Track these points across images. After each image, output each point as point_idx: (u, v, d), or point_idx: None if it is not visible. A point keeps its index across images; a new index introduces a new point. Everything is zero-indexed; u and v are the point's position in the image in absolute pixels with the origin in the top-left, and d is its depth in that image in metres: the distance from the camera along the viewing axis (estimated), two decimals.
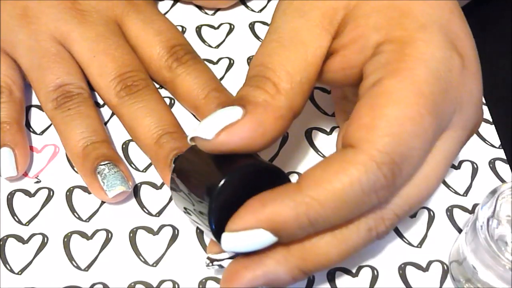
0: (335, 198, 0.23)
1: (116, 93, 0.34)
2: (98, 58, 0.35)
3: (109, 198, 0.32)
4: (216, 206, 0.24)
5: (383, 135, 0.23)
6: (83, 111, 0.34)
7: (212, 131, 0.24)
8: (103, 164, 0.32)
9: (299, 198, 0.23)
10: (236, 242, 0.24)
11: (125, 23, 0.36)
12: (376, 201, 0.24)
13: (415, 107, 0.23)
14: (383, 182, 0.23)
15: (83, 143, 0.33)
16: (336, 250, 0.25)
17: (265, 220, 0.23)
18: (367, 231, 0.25)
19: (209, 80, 0.35)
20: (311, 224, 0.23)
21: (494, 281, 0.27)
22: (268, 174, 0.26)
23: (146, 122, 0.34)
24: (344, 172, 0.23)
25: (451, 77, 0.24)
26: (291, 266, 0.25)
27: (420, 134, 0.23)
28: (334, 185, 0.23)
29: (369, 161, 0.23)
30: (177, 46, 0.36)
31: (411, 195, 0.25)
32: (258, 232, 0.23)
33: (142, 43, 0.36)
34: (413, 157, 0.24)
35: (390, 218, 0.25)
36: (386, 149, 0.23)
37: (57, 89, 0.34)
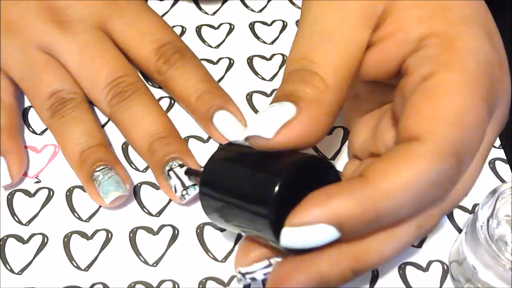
0: (404, 191, 0.22)
1: (108, 103, 0.34)
2: (85, 69, 0.34)
3: (107, 205, 0.32)
4: (275, 203, 0.23)
5: (447, 125, 0.23)
6: (77, 116, 0.34)
7: (272, 130, 0.24)
8: (98, 170, 0.32)
9: (367, 191, 0.22)
10: (297, 238, 0.23)
11: (110, 28, 0.36)
12: (440, 194, 0.24)
13: (473, 97, 0.23)
14: (450, 173, 0.23)
15: (80, 148, 0.33)
16: (388, 249, 0.24)
17: (330, 214, 0.22)
18: (417, 228, 0.24)
19: (199, 81, 0.35)
20: (377, 219, 0.23)
21: (494, 281, 0.27)
22: (320, 168, 0.25)
23: (138, 129, 0.33)
24: (412, 164, 0.22)
25: (495, 70, 0.25)
26: (344, 267, 0.24)
27: (480, 123, 0.23)
28: (403, 178, 0.22)
29: (437, 152, 0.22)
30: (164, 47, 0.35)
31: (458, 189, 0.25)
32: (321, 227, 0.22)
33: (130, 48, 0.36)
34: (473, 148, 0.24)
35: (438, 215, 0.25)
36: (452, 139, 0.23)
37: (50, 97, 0.34)
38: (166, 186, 0.32)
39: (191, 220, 0.33)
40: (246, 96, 0.37)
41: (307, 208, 0.23)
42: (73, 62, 0.35)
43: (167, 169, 0.32)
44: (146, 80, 0.37)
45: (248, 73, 0.39)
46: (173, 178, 0.32)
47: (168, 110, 0.37)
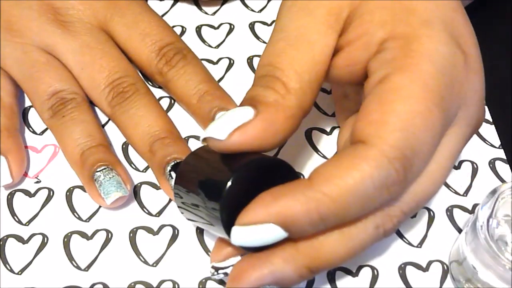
0: (347, 194, 0.23)
1: (108, 103, 0.34)
2: (85, 70, 0.34)
3: (108, 205, 0.32)
4: (227, 200, 0.24)
5: (393, 130, 0.23)
6: (77, 116, 0.34)
7: (225, 132, 0.24)
8: (99, 171, 0.32)
9: (311, 193, 0.23)
10: (246, 236, 0.24)
11: (110, 29, 0.36)
12: (388, 197, 0.24)
13: (423, 101, 0.23)
14: (395, 177, 0.23)
15: (80, 149, 0.33)
16: (343, 248, 0.25)
17: (275, 214, 0.23)
18: (374, 228, 0.25)
19: (200, 82, 0.35)
20: (321, 220, 0.23)
21: (494, 281, 0.27)
22: (277, 169, 0.26)
23: (139, 130, 0.33)
24: (355, 167, 0.23)
25: (455, 72, 0.25)
26: (299, 265, 0.24)
27: (430, 128, 0.24)
28: (345, 181, 0.23)
29: (381, 156, 0.23)
30: (165, 48, 0.35)
31: (418, 191, 0.25)
32: (268, 226, 0.23)
33: (131, 49, 0.36)
34: (423, 152, 0.24)
35: (397, 216, 0.25)
36: (397, 144, 0.23)
37: (51, 97, 0.34)
38: (167, 186, 0.32)
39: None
40: None
41: (254, 208, 0.24)
42: (74, 63, 0.35)
43: (169, 170, 0.32)
44: (146, 80, 0.37)
45: (248, 73, 0.39)
46: (174, 178, 0.32)
47: (168, 110, 0.37)
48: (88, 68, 0.34)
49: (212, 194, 0.25)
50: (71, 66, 0.35)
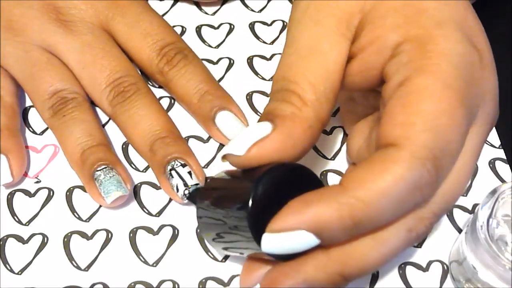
0: (380, 198, 0.23)
1: (109, 103, 0.34)
2: (86, 70, 0.34)
3: (106, 204, 0.32)
4: (253, 207, 0.24)
5: (421, 130, 0.23)
6: (78, 116, 0.34)
7: (243, 147, 0.25)
8: (99, 170, 0.32)
9: (344, 199, 0.23)
10: (277, 244, 0.23)
11: (111, 29, 0.36)
12: (421, 199, 0.24)
13: (447, 100, 0.23)
14: (427, 178, 0.23)
15: (80, 148, 0.33)
16: (376, 254, 0.24)
17: (308, 221, 0.23)
18: (406, 232, 0.24)
19: (201, 82, 0.35)
20: (355, 226, 0.23)
21: (494, 281, 0.27)
22: (299, 174, 0.25)
23: (138, 129, 0.34)
24: (387, 170, 0.23)
25: (472, 71, 0.25)
26: (331, 272, 0.24)
27: (456, 126, 0.24)
28: (378, 185, 0.23)
29: (412, 157, 0.23)
30: (166, 47, 0.35)
31: (447, 191, 0.25)
32: (300, 233, 0.23)
33: (132, 49, 0.36)
34: (451, 151, 0.24)
35: (429, 218, 0.25)
36: (427, 144, 0.23)
37: (52, 96, 0.34)
38: (168, 185, 0.32)
39: (191, 220, 0.33)
40: (246, 96, 0.37)
41: (286, 214, 0.23)
42: (75, 62, 0.35)
43: (169, 169, 0.32)
44: (147, 80, 0.37)
45: (248, 73, 0.39)
46: (175, 177, 0.32)
47: (168, 110, 0.37)
48: (89, 67, 0.34)
49: (238, 204, 0.25)
50: (72, 65, 0.35)
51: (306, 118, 0.25)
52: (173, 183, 0.32)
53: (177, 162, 0.32)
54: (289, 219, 0.23)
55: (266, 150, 0.24)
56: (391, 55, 0.25)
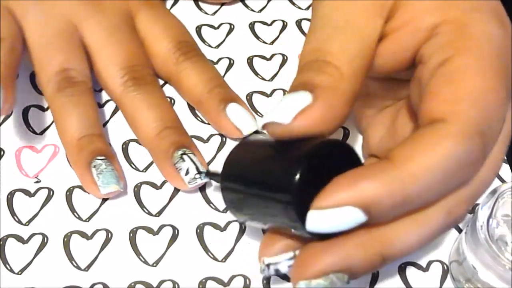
0: (432, 173, 0.22)
1: (123, 82, 0.34)
2: (110, 46, 0.35)
3: (100, 194, 0.32)
4: (298, 187, 0.23)
5: (470, 106, 0.23)
6: (86, 101, 0.34)
7: (289, 116, 0.24)
8: (100, 159, 0.32)
9: (394, 173, 0.22)
10: (323, 221, 0.23)
11: (137, 18, 0.37)
12: (468, 176, 0.23)
13: (493, 79, 0.23)
14: (476, 153, 0.23)
15: (80, 133, 0.33)
16: (416, 235, 0.24)
17: (357, 196, 0.22)
18: (446, 214, 0.24)
19: (214, 76, 0.36)
20: (404, 201, 0.22)
21: (494, 281, 0.27)
22: (340, 152, 0.25)
23: (149, 114, 0.34)
24: (438, 145, 0.22)
25: (508, 55, 0.25)
26: (372, 251, 0.24)
27: (500, 104, 0.24)
28: (430, 159, 0.22)
29: (462, 132, 0.22)
30: (184, 42, 0.37)
31: (484, 174, 0.25)
32: (348, 209, 0.22)
33: (151, 36, 0.36)
34: (496, 129, 0.24)
35: (467, 201, 0.25)
36: (476, 120, 0.23)
37: (63, 71, 0.34)
38: (172, 170, 0.32)
39: (191, 220, 0.33)
40: (246, 96, 0.37)
41: (334, 191, 0.23)
42: (100, 38, 0.35)
43: (180, 153, 0.32)
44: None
45: (248, 73, 0.39)
46: (187, 161, 0.32)
47: None
48: (114, 45, 0.35)
49: (279, 185, 0.24)
50: (95, 39, 0.35)
51: (344, 90, 0.25)
52: (184, 166, 0.32)
53: (187, 150, 0.32)
54: (337, 195, 0.22)
55: (310, 121, 0.24)
56: (427, 37, 0.25)
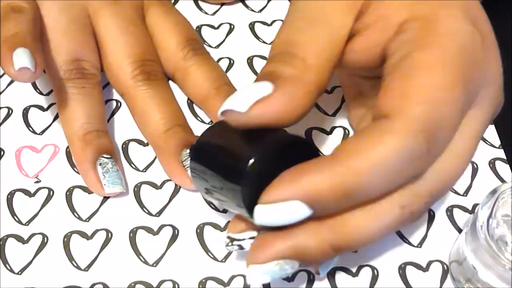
0: (372, 168, 0.23)
1: (134, 76, 0.34)
2: (123, 38, 0.35)
3: (103, 192, 0.32)
4: (249, 179, 0.24)
5: (417, 103, 0.23)
6: (95, 95, 0.34)
7: (246, 104, 0.24)
8: (106, 157, 0.32)
9: (336, 168, 0.23)
10: (270, 215, 0.23)
11: (148, 12, 0.37)
12: (413, 172, 0.24)
13: (446, 76, 0.23)
14: (420, 150, 0.23)
15: (88, 127, 0.33)
16: (367, 227, 0.24)
17: (301, 191, 0.23)
18: (400, 208, 0.24)
19: (221, 75, 0.36)
20: (346, 196, 0.23)
21: (494, 281, 0.27)
22: (299, 147, 0.25)
23: (159, 110, 0.34)
24: (380, 141, 0.23)
25: (475, 52, 0.25)
26: (322, 240, 0.24)
27: (453, 102, 0.24)
28: (371, 155, 0.23)
29: (406, 129, 0.23)
30: (193, 40, 0.37)
31: (443, 170, 0.25)
32: (293, 204, 0.23)
33: (162, 31, 0.37)
34: (446, 126, 0.24)
35: (424, 196, 0.25)
36: (421, 117, 0.23)
37: (76, 61, 0.34)
38: (180, 168, 0.32)
39: (191, 220, 0.33)
40: None
41: (278, 185, 0.23)
42: (116, 28, 0.35)
43: (189, 152, 0.32)
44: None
45: (248, 73, 0.39)
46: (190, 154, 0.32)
47: None
48: (130, 36, 0.35)
49: (233, 173, 0.24)
50: (110, 29, 0.35)
51: (307, 82, 0.25)
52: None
53: None
54: (281, 190, 0.23)
55: (268, 110, 0.24)
56: (394, 33, 0.25)
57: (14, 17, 0.31)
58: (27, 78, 0.30)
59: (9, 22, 0.31)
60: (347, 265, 0.31)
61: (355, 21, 0.26)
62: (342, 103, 0.37)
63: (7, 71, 0.29)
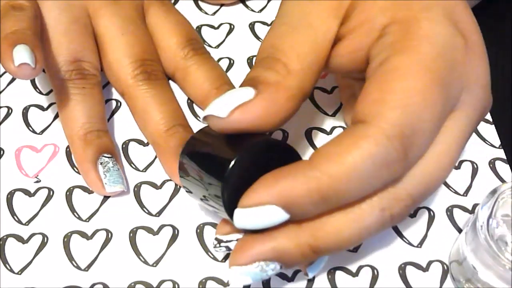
0: (347, 173, 0.23)
1: (135, 75, 0.34)
2: (124, 37, 0.35)
3: (104, 192, 0.32)
4: (229, 183, 0.24)
5: (392, 107, 0.23)
6: (95, 95, 0.34)
7: (226, 109, 0.24)
8: (107, 157, 0.32)
9: (311, 173, 0.23)
10: (248, 218, 0.24)
11: (148, 12, 0.37)
12: (389, 177, 0.24)
13: (422, 80, 0.24)
14: (395, 155, 0.23)
15: (88, 127, 0.33)
16: (347, 229, 0.24)
17: (276, 195, 0.23)
18: (380, 211, 0.24)
19: (221, 74, 0.36)
20: (323, 200, 0.23)
21: (494, 281, 0.27)
22: (280, 152, 0.26)
23: (160, 109, 0.34)
24: (354, 146, 0.23)
25: (455, 55, 0.25)
26: (301, 243, 0.24)
27: (429, 106, 0.24)
28: (345, 159, 0.23)
29: (380, 134, 0.23)
30: (194, 40, 0.37)
31: (425, 174, 0.25)
32: (270, 208, 0.23)
33: (162, 31, 0.37)
34: (423, 130, 0.24)
35: (404, 199, 0.25)
36: (396, 122, 0.23)
37: (76, 61, 0.34)
38: None
39: (191, 220, 0.33)
40: None
41: (256, 189, 0.24)
42: (116, 27, 0.35)
43: None
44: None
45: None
46: None
47: None
48: (130, 35, 0.35)
49: (214, 176, 0.25)
50: (111, 29, 0.35)
51: (289, 86, 0.25)
52: None
53: None
54: (258, 194, 0.23)
55: (248, 116, 0.24)
56: (377, 37, 0.26)
57: (14, 14, 0.31)
58: (27, 74, 0.30)
59: (9, 20, 0.31)
60: (347, 265, 0.31)
61: (340, 25, 0.26)
62: (342, 103, 0.37)
63: (7, 67, 0.29)
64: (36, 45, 0.30)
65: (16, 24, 0.31)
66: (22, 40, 0.30)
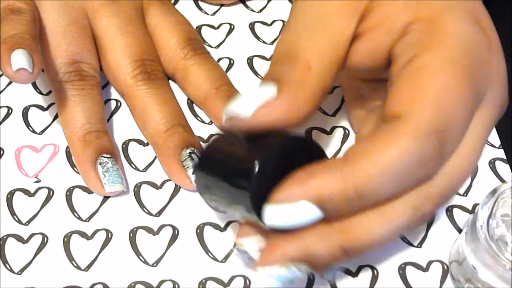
0: (385, 170, 0.23)
1: (134, 76, 0.34)
2: (123, 37, 0.35)
3: (104, 192, 0.32)
4: (257, 180, 0.23)
5: (428, 104, 0.23)
6: (94, 96, 0.34)
7: (251, 109, 0.24)
8: (106, 157, 0.32)
9: (348, 170, 0.23)
10: (280, 215, 0.23)
11: (148, 12, 0.37)
12: (425, 174, 0.24)
13: (454, 76, 0.23)
14: (431, 152, 0.23)
15: (88, 128, 0.33)
16: (379, 229, 0.24)
17: (312, 192, 0.23)
18: (412, 210, 0.24)
19: (221, 74, 0.36)
20: (358, 198, 0.23)
21: (494, 281, 0.27)
22: (304, 147, 0.25)
23: (160, 109, 0.34)
24: (392, 143, 0.23)
25: (481, 52, 0.25)
26: (332, 243, 0.24)
27: (462, 103, 0.24)
28: (383, 157, 0.23)
29: (417, 131, 0.23)
30: (194, 40, 0.37)
31: (453, 172, 0.25)
32: (304, 204, 0.23)
33: (162, 31, 0.37)
34: (456, 127, 0.24)
35: (435, 198, 0.25)
36: (432, 118, 0.23)
37: (75, 63, 0.34)
38: (180, 168, 0.32)
39: (191, 220, 0.33)
40: None
41: (289, 185, 0.23)
42: (115, 28, 0.35)
43: (189, 152, 0.32)
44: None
45: (248, 73, 0.39)
46: (196, 159, 0.32)
47: None
48: (129, 36, 0.35)
49: (240, 177, 0.24)
50: (109, 29, 0.35)
51: (311, 84, 0.25)
52: (191, 165, 0.32)
53: (196, 149, 0.33)
54: (292, 190, 0.23)
55: (272, 114, 0.24)
56: (400, 35, 0.25)
57: (13, 18, 0.31)
58: (25, 79, 0.30)
59: (7, 23, 0.31)
60: (347, 265, 0.31)
61: (358, 23, 0.26)
62: (342, 103, 0.37)
63: (5, 72, 0.29)
64: (34, 49, 0.30)
65: (15, 28, 0.31)
66: (20, 44, 0.30)
